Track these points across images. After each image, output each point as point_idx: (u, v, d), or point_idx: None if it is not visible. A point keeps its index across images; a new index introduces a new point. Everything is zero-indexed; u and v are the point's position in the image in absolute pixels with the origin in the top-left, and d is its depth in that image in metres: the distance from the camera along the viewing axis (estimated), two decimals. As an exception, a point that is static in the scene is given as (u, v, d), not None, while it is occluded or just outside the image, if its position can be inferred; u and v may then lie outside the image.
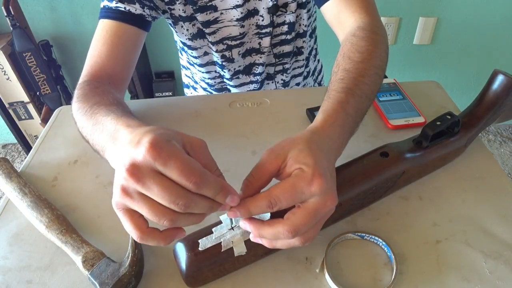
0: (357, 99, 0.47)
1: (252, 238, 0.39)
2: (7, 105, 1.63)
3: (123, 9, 0.62)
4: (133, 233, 0.34)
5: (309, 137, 0.40)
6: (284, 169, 0.37)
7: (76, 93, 0.56)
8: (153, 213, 0.32)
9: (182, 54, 0.90)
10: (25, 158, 0.74)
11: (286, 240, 0.37)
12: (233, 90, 0.88)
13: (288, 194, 0.35)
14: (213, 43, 0.76)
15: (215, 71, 0.85)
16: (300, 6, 0.77)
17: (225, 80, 0.86)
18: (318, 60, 1.00)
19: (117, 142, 0.41)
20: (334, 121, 0.44)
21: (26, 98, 1.62)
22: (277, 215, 0.42)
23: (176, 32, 0.77)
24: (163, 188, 0.31)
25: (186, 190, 0.32)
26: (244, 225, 0.38)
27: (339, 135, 0.44)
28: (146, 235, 0.34)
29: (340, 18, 0.63)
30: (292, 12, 0.75)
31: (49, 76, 1.55)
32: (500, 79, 0.54)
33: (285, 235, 0.35)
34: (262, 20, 0.75)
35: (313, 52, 0.93)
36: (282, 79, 0.88)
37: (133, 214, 0.34)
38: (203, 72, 0.85)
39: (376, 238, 0.45)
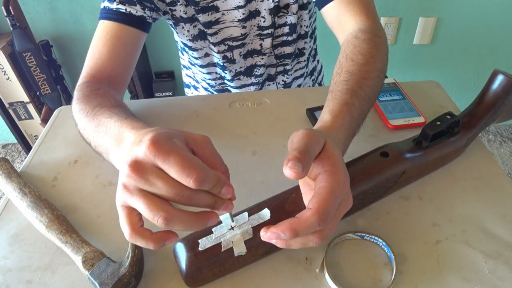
0: (361, 101, 0.48)
1: (265, 239, 0.36)
2: (7, 105, 1.63)
3: (123, 11, 0.62)
4: (125, 230, 0.34)
5: (330, 136, 0.40)
6: (319, 157, 0.37)
7: (76, 95, 0.56)
8: (149, 209, 0.32)
9: (183, 54, 0.90)
10: (25, 158, 0.74)
11: (303, 241, 0.35)
12: (234, 91, 0.88)
13: (334, 203, 0.34)
14: (214, 44, 0.76)
15: (216, 73, 0.85)
16: (302, 7, 0.77)
17: (226, 81, 0.86)
18: (318, 61, 1.00)
19: (121, 145, 0.41)
20: (342, 123, 0.44)
21: (26, 98, 1.62)
22: (277, 214, 0.42)
23: (177, 33, 0.77)
24: (167, 181, 0.31)
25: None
26: (275, 236, 0.35)
27: (345, 137, 0.44)
28: (136, 233, 0.33)
29: (340, 20, 0.63)
30: (294, 14, 0.75)
31: (49, 76, 1.55)
32: (500, 79, 0.54)
33: (315, 241, 0.35)
34: (264, 21, 0.75)
35: (312, 53, 0.93)
36: (283, 80, 0.88)
37: (130, 211, 0.34)
38: (204, 73, 0.85)
39: (376, 238, 0.45)
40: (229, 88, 0.88)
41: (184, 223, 0.33)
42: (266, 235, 0.35)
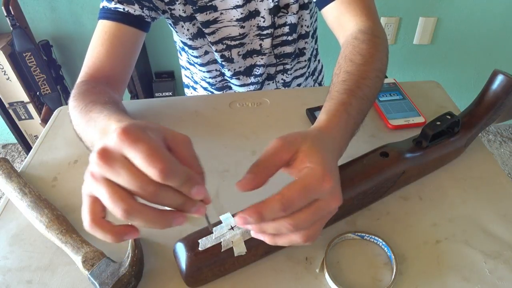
0: (359, 101, 0.48)
1: (254, 234, 0.38)
2: (7, 105, 1.63)
3: (122, 10, 0.62)
4: (85, 219, 0.33)
5: (317, 135, 0.40)
6: (294, 162, 0.37)
7: (73, 92, 0.56)
8: (110, 199, 0.30)
9: (181, 55, 0.90)
10: (25, 158, 0.74)
11: (288, 237, 0.36)
12: (235, 88, 0.88)
13: (302, 195, 0.34)
14: (212, 43, 0.76)
15: (216, 70, 0.85)
16: (302, 7, 0.76)
17: (226, 77, 0.86)
18: (319, 61, 1.00)
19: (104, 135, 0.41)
20: (337, 122, 0.44)
21: (26, 98, 1.62)
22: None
23: (176, 32, 0.77)
24: (132, 172, 0.30)
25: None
26: (243, 220, 0.35)
27: (341, 136, 0.44)
28: (96, 223, 0.32)
29: (341, 20, 0.63)
30: (294, 14, 0.75)
31: (49, 76, 1.55)
32: (500, 79, 0.54)
33: (287, 228, 0.35)
34: (263, 22, 0.75)
35: (314, 53, 0.93)
36: (282, 79, 0.88)
37: (93, 201, 0.33)
38: (204, 72, 0.85)
39: (376, 238, 0.45)
40: (230, 84, 0.88)
41: (145, 219, 0.31)
42: (238, 221, 0.35)
